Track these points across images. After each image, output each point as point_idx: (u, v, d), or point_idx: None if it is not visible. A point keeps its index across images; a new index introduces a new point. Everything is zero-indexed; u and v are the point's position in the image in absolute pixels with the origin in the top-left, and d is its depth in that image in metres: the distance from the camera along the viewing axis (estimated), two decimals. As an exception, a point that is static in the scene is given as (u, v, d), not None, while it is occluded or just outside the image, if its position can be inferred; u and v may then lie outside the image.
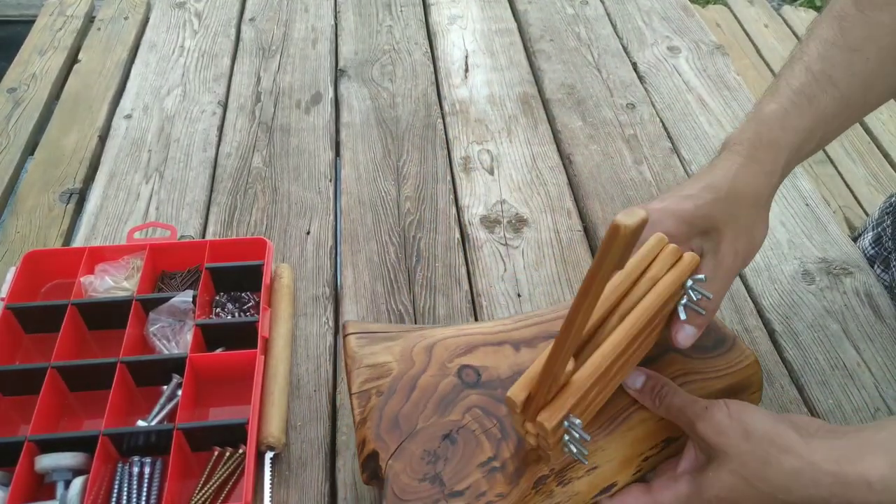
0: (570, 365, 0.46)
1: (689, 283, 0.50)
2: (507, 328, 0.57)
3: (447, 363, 0.54)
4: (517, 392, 0.46)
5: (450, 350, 0.54)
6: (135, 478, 0.56)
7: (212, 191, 0.83)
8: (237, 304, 0.69)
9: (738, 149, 0.52)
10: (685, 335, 0.51)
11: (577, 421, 0.45)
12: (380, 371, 0.53)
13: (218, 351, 0.65)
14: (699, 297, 0.50)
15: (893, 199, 0.82)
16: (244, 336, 0.64)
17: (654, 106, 0.96)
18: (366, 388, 0.52)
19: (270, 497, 0.57)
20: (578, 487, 0.51)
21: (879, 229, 0.81)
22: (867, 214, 0.88)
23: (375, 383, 0.52)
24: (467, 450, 0.49)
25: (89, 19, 1.14)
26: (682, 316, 0.51)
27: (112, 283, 0.68)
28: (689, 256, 0.51)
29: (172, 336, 0.65)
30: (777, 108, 0.53)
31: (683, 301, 0.51)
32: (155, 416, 0.60)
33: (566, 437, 0.46)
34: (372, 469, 0.50)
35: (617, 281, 0.50)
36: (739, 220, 0.51)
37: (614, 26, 1.10)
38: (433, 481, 0.48)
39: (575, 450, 0.46)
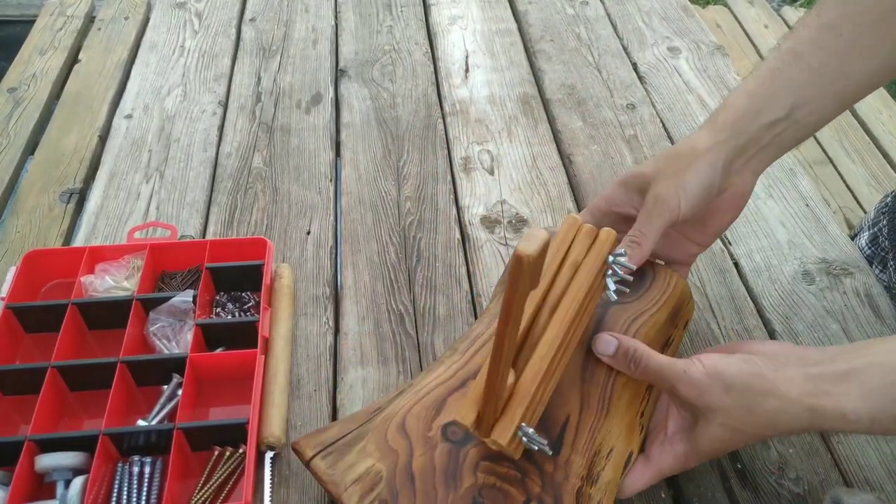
0: (511, 377, 0.47)
1: (611, 259, 0.53)
2: (461, 364, 0.56)
3: (427, 433, 0.52)
4: (465, 415, 0.46)
5: (422, 418, 0.53)
6: (135, 477, 0.56)
7: (212, 191, 0.83)
8: (237, 304, 0.69)
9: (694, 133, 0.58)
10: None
11: (531, 430, 0.46)
12: (370, 480, 0.50)
13: (218, 351, 0.65)
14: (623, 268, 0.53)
15: (889, 198, 0.82)
16: (244, 336, 0.64)
17: (654, 106, 0.96)
18: None
19: (270, 497, 0.57)
20: (608, 476, 0.52)
21: (875, 229, 0.81)
22: (865, 213, 0.88)
23: (373, 494, 0.49)
24: None
25: (90, 19, 1.14)
26: (613, 298, 0.54)
27: (112, 282, 0.68)
28: (605, 233, 0.54)
29: (173, 336, 0.65)
30: (742, 83, 0.58)
31: (609, 273, 0.53)
32: (155, 416, 0.61)
33: (524, 440, 0.47)
34: None
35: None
36: (669, 169, 0.56)
37: (614, 27, 1.10)
38: None
39: (536, 447, 0.47)
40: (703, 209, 0.57)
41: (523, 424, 0.46)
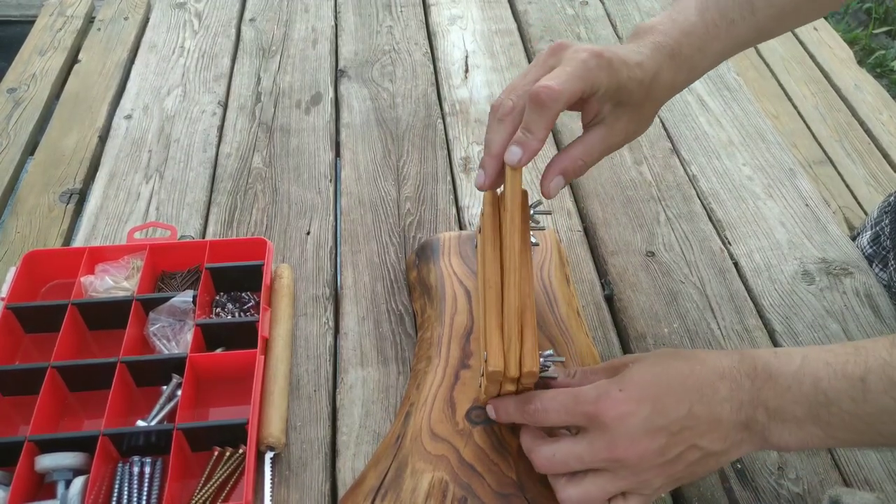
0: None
1: (532, 212, 0.58)
2: (443, 364, 0.60)
3: (457, 428, 0.54)
4: (496, 363, 0.48)
5: (444, 419, 0.55)
6: (135, 478, 0.56)
7: (212, 191, 0.83)
8: (237, 304, 0.69)
9: (660, 39, 0.54)
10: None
11: (549, 351, 0.50)
12: (439, 489, 0.51)
13: (218, 351, 0.65)
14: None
15: (892, 198, 0.82)
16: (244, 336, 0.64)
17: (653, 106, 0.96)
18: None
19: (270, 497, 0.57)
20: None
21: (878, 228, 0.81)
22: (867, 214, 0.88)
23: (449, 498, 0.51)
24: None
25: (89, 20, 1.14)
26: (534, 241, 0.61)
27: (112, 283, 0.68)
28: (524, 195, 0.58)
29: (172, 336, 0.65)
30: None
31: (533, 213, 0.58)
32: (155, 416, 0.60)
33: (542, 361, 0.50)
34: None
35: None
36: (643, 110, 0.55)
37: (614, 27, 1.10)
38: None
39: (551, 367, 0.51)
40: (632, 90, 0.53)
41: (549, 351, 0.50)
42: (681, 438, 0.46)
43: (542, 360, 0.49)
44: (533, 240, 0.60)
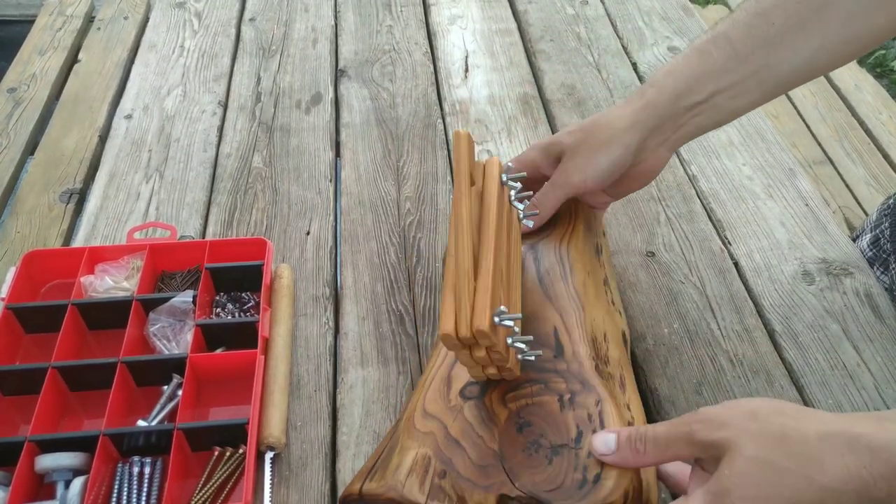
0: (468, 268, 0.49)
1: (505, 178, 0.57)
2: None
3: (449, 405, 0.53)
4: (447, 325, 0.46)
5: (438, 397, 0.54)
6: (135, 478, 0.56)
7: (212, 191, 0.83)
8: (237, 304, 0.69)
9: (618, 104, 0.61)
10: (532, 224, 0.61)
11: (502, 307, 0.47)
12: (421, 465, 0.50)
13: (218, 351, 0.65)
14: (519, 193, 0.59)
15: (891, 200, 0.82)
16: (244, 336, 0.64)
17: (654, 106, 0.96)
18: (434, 486, 0.49)
19: (270, 497, 0.57)
20: (615, 354, 0.56)
21: (878, 231, 0.80)
22: (867, 215, 0.87)
23: (430, 473, 0.50)
24: (550, 411, 0.51)
25: (89, 19, 1.14)
26: (529, 225, 0.61)
27: (112, 283, 0.68)
28: (491, 162, 0.57)
29: (172, 336, 0.65)
30: (672, 61, 0.60)
31: (515, 199, 0.59)
32: (155, 416, 0.61)
33: (510, 340, 0.48)
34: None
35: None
36: (584, 145, 0.59)
37: (614, 26, 1.10)
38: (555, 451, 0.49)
39: (533, 358, 0.50)
40: (609, 183, 0.61)
41: (502, 308, 0.48)
42: None
43: (496, 319, 0.47)
44: (520, 207, 0.60)
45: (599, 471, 0.47)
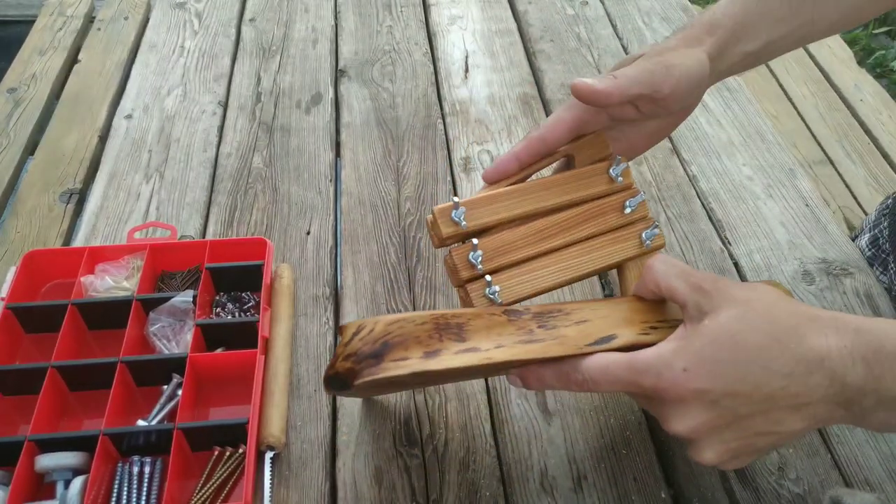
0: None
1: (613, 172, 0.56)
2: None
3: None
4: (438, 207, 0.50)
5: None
6: (135, 477, 0.56)
7: (212, 191, 0.83)
8: (237, 304, 0.69)
9: (683, 33, 0.56)
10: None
11: (457, 200, 0.50)
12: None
13: (218, 351, 0.65)
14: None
15: (890, 200, 0.82)
16: (244, 336, 0.64)
17: (654, 106, 0.96)
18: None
19: (270, 497, 0.57)
20: (565, 332, 0.48)
21: (876, 231, 0.80)
22: (866, 215, 0.87)
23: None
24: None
25: (89, 19, 1.14)
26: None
27: (112, 283, 0.68)
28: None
29: (173, 336, 0.65)
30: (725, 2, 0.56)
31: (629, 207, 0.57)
32: (155, 416, 0.61)
33: (470, 256, 0.50)
34: None
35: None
36: (668, 52, 0.54)
37: (614, 27, 1.10)
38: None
39: (478, 259, 0.50)
40: (681, 98, 0.55)
41: (461, 206, 0.50)
42: (751, 424, 0.41)
43: (453, 212, 0.50)
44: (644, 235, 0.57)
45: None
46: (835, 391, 0.40)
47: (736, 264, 0.76)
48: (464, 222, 0.50)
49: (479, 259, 0.50)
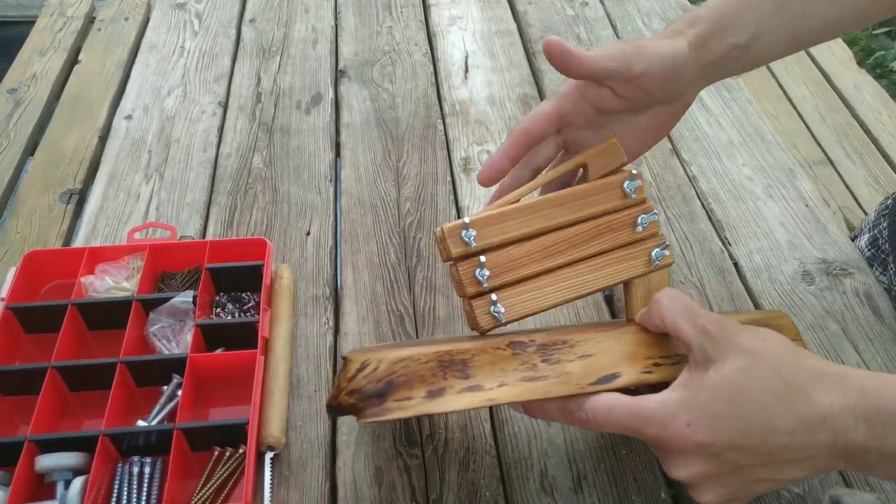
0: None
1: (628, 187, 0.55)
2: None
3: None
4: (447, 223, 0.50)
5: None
6: (135, 478, 0.56)
7: (212, 191, 0.83)
8: (237, 305, 0.69)
9: (666, 29, 0.56)
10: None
11: (468, 220, 0.50)
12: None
13: (218, 351, 0.65)
14: None
15: (890, 200, 0.82)
16: (244, 336, 0.64)
17: (653, 107, 0.96)
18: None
19: (270, 497, 0.57)
20: (569, 368, 0.48)
21: (875, 231, 0.81)
22: (866, 215, 0.87)
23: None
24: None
25: (89, 20, 1.14)
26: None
27: (112, 283, 0.68)
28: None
29: (172, 336, 0.65)
30: None
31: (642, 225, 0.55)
32: (155, 416, 0.61)
33: (477, 272, 0.50)
34: None
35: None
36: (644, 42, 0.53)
37: (614, 27, 1.10)
38: None
39: (485, 277, 0.50)
40: (658, 81, 0.53)
41: (470, 228, 0.50)
42: (751, 473, 0.42)
43: (462, 232, 0.50)
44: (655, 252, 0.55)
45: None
46: (837, 448, 0.40)
47: (736, 264, 0.76)
48: (474, 244, 0.50)
49: (486, 277, 0.50)
